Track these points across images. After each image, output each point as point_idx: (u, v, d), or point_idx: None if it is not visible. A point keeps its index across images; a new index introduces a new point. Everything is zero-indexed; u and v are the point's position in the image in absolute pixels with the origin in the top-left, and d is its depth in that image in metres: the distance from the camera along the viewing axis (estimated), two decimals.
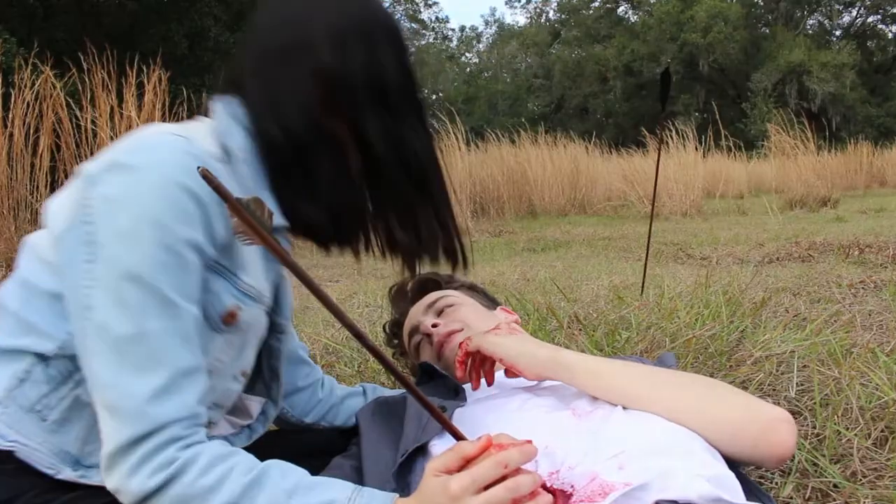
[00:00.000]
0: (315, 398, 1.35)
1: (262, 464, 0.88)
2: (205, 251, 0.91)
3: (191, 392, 0.88)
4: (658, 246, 5.25)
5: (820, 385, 1.51)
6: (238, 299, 0.98)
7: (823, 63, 26.82)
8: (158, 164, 0.88)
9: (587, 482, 0.90)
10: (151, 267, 0.86)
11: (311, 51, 0.97)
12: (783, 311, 2.38)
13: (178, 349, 0.88)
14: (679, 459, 0.92)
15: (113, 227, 0.87)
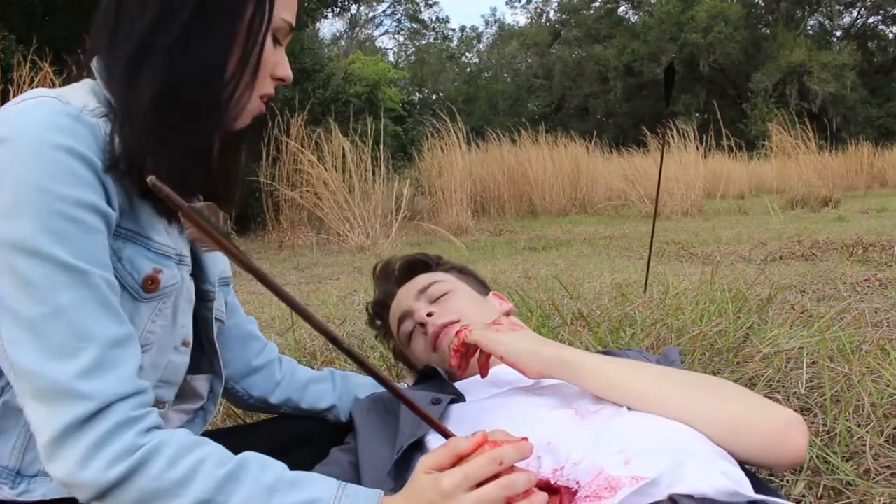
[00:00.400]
0: (273, 378, 1.27)
1: (236, 456, 0.81)
2: (105, 212, 0.84)
3: (125, 364, 0.80)
4: (660, 245, 5.23)
5: (830, 382, 1.49)
6: (155, 262, 0.92)
7: (824, 63, 26.81)
8: (30, 128, 0.81)
9: (593, 477, 0.87)
10: (46, 237, 0.78)
11: None
12: (789, 307, 2.35)
13: (100, 319, 0.80)
14: (688, 455, 0.89)
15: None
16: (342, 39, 37.82)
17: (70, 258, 0.79)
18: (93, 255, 0.82)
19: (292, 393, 1.29)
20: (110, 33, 0.91)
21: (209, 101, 0.90)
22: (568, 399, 1.06)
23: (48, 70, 5.12)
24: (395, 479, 0.97)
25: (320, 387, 1.32)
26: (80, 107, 0.85)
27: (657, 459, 0.85)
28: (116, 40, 0.90)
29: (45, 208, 0.79)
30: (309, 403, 1.30)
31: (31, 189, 0.79)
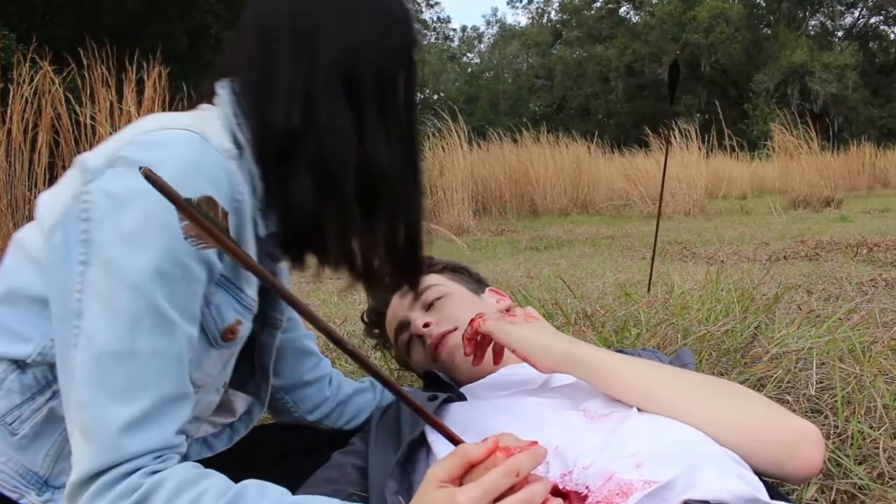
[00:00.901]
0: (322, 394, 1.27)
1: (236, 486, 0.78)
2: (212, 264, 0.83)
3: (171, 422, 0.79)
4: (662, 244, 5.19)
5: (841, 383, 1.45)
6: (239, 313, 0.91)
7: (826, 64, 26.76)
8: (175, 164, 0.79)
9: (603, 482, 0.84)
10: (152, 277, 0.77)
11: (318, 36, 0.89)
12: (796, 307, 2.32)
13: (166, 374, 0.79)
14: (703, 458, 0.86)
15: (115, 228, 0.78)
16: None
17: (165, 305, 0.78)
18: (187, 307, 0.81)
19: (336, 408, 1.29)
20: (258, 70, 0.90)
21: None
22: (576, 401, 1.03)
23: (48, 69, 5.09)
24: (399, 481, 0.94)
25: (363, 398, 1.32)
26: (219, 148, 0.83)
27: (670, 464, 0.82)
28: (262, 80, 0.89)
29: (163, 248, 0.78)
30: (347, 419, 1.30)
31: (157, 224, 0.77)
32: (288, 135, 0.88)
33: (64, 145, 5.11)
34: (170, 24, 8.99)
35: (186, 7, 9.22)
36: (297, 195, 0.88)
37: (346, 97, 0.89)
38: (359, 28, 0.90)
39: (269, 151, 0.89)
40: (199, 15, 9.30)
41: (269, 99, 0.89)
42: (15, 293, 0.87)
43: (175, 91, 5.44)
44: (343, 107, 0.89)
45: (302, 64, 0.89)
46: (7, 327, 0.86)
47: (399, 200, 0.94)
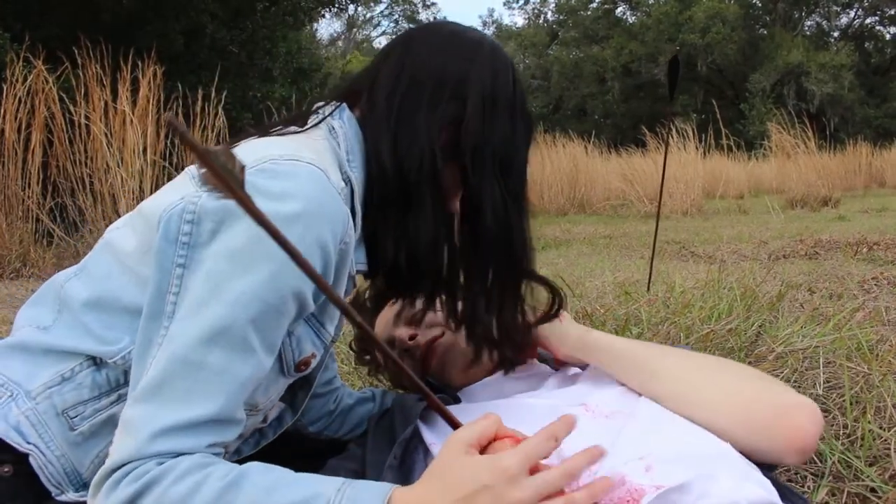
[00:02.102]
0: (326, 407, 1.26)
1: (240, 466, 0.77)
2: (307, 306, 0.83)
3: (209, 438, 0.77)
4: (660, 244, 5.16)
5: (849, 382, 1.42)
6: (316, 347, 0.91)
7: (822, 64, 26.78)
8: (300, 199, 0.78)
9: (613, 487, 0.80)
10: (250, 301, 0.76)
11: (459, 101, 0.92)
12: (798, 306, 2.29)
13: (226, 395, 0.77)
14: (715, 462, 0.82)
15: (224, 242, 0.77)
16: (340, 40, 37.80)
17: (251, 331, 0.77)
18: (269, 337, 0.80)
19: (335, 419, 1.28)
20: (384, 100, 0.93)
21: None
22: (578, 400, 1.00)
23: (41, 68, 5.05)
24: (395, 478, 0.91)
25: (364, 408, 1.31)
26: (337, 187, 0.84)
27: (681, 466, 0.79)
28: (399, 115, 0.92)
29: (267, 276, 0.77)
30: (347, 430, 1.29)
31: (265, 250, 0.76)
32: (420, 180, 0.91)
33: (58, 145, 5.07)
34: (165, 24, 8.93)
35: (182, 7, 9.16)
36: (417, 240, 0.92)
37: (496, 172, 0.95)
38: (497, 110, 0.96)
39: (391, 192, 0.91)
40: (195, 15, 9.24)
41: (402, 141, 0.91)
42: (107, 300, 0.87)
43: (170, 90, 5.40)
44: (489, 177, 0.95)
45: (439, 121, 0.92)
46: (93, 332, 0.86)
47: (521, 277, 1.01)
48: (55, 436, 0.85)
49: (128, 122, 5.14)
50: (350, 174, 0.89)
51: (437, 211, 0.92)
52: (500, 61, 0.97)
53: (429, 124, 0.91)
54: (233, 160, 0.59)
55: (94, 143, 5.07)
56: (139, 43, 5.88)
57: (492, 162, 0.94)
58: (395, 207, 0.91)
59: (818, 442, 1.24)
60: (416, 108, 0.92)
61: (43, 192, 5.05)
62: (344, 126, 0.92)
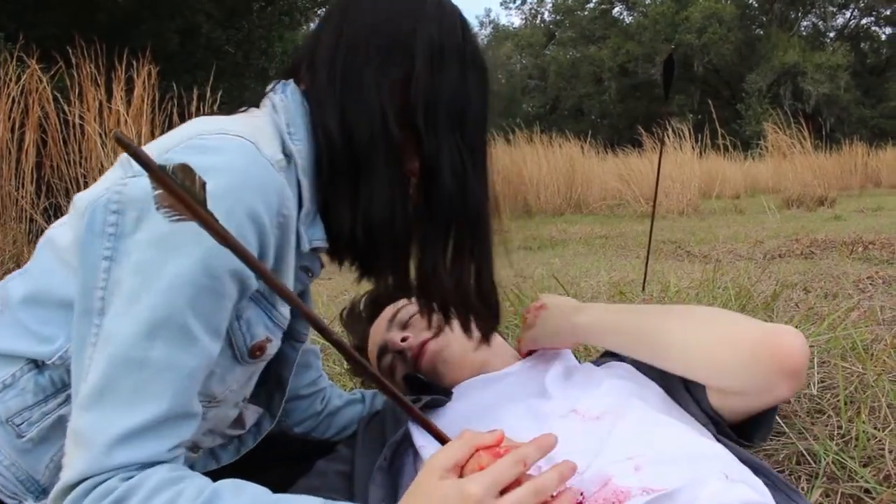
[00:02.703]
0: (313, 408, 1.24)
1: (213, 484, 0.74)
2: (249, 285, 0.79)
3: (169, 439, 0.74)
4: (656, 243, 5.16)
5: (843, 382, 1.41)
6: (270, 331, 0.88)
7: (818, 64, 26.80)
8: (227, 174, 0.75)
9: (599, 488, 0.79)
10: (183, 286, 0.73)
11: (407, 57, 0.88)
12: (794, 305, 2.28)
13: (176, 389, 0.74)
14: (705, 463, 0.81)
15: (149, 229, 0.74)
16: None
17: (190, 318, 0.74)
18: (212, 322, 0.76)
19: (323, 421, 1.26)
20: (327, 68, 0.89)
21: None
22: (568, 403, 0.99)
23: (35, 68, 5.03)
24: (383, 486, 0.90)
25: (353, 409, 1.29)
26: (272, 159, 0.80)
27: (672, 469, 0.78)
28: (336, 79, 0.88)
29: (197, 258, 0.73)
30: (334, 432, 1.26)
31: (193, 232, 0.71)
32: (371, 147, 0.87)
33: (52, 145, 5.05)
34: (160, 23, 8.91)
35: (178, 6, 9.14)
36: (374, 211, 0.87)
37: (451, 127, 0.90)
38: (445, 62, 0.91)
39: (342, 162, 0.87)
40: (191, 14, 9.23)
41: (348, 108, 0.87)
42: (41, 294, 0.84)
43: (165, 90, 5.38)
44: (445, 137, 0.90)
45: (386, 82, 0.88)
46: (29, 329, 0.83)
47: (483, 238, 0.95)
48: (2, 445, 0.82)
49: (122, 122, 5.12)
50: (292, 147, 0.86)
51: (391, 176, 0.88)
52: (447, 12, 0.93)
53: (377, 86, 0.87)
54: (192, 177, 0.57)
55: (89, 143, 5.05)
56: (134, 42, 5.86)
57: (445, 116, 0.89)
58: (346, 177, 0.87)
59: (813, 442, 1.23)
60: (361, 71, 0.88)
61: (37, 192, 5.03)
62: (285, 100, 0.89)
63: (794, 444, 1.27)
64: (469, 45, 0.93)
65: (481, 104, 0.94)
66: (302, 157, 0.86)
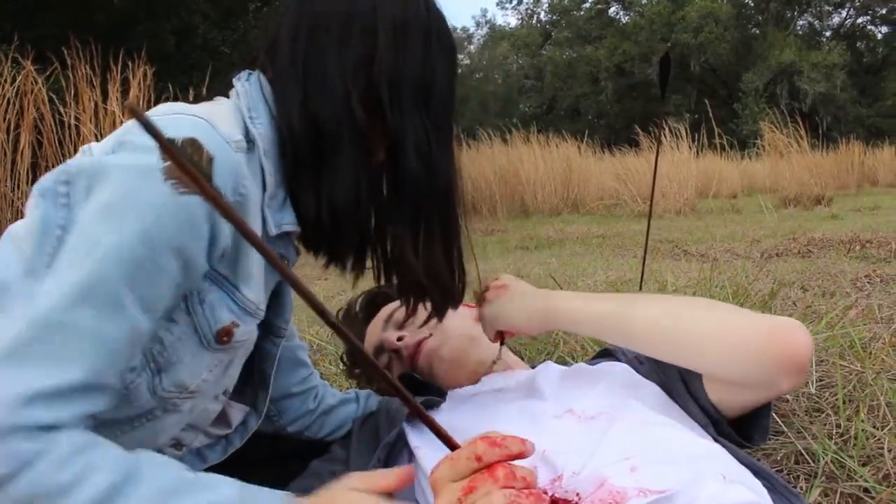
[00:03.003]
0: (305, 407, 1.22)
1: (131, 457, 0.72)
2: (195, 265, 0.77)
3: (78, 407, 0.71)
4: (653, 243, 5.15)
5: (842, 380, 1.40)
6: (236, 315, 0.85)
7: (814, 63, 26.84)
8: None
9: (595, 489, 0.78)
10: (120, 256, 0.71)
11: (370, 36, 0.87)
12: (791, 304, 2.28)
13: (96, 359, 0.71)
14: (702, 463, 0.80)
15: (95, 198, 0.73)
16: None
17: (123, 288, 0.72)
18: (146, 297, 0.74)
19: (316, 420, 1.23)
20: (287, 53, 0.88)
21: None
22: (563, 403, 0.98)
23: (30, 69, 5.02)
24: None
25: (346, 409, 1.27)
26: (227, 138, 0.78)
27: (669, 470, 0.77)
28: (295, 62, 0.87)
29: (138, 231, 0.72)
30: (328, 431, 1.24)
31: (139, 204, 0.72)
32: (336, 130, 0.86)
33: (47, 146, 5.04)
34: (156, 24, 8.90)
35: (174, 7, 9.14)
36: (339, 195, 0.86)
37: (416, 105, 0.89)
38: (409, 39, 0.90)
39: (305, 146, 0.86)
40: (187, 15, 9.22)
41: (310, 90, 0.86)
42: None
43: (161, 91, 5.37)
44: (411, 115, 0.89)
45: (348, 62, 0.87)
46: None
47: (451, 217, 0.95)
48: None
49: (118, 123, 5.10)
50: (254, 130, 0.85)
51: (356, 159, 0.87)
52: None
53: (340, 67, 0.86)
54: (199, 152, 0.57)
55: (84, 144, 5.02)
56: (130, 43, 5.85)
57: (410, 94, 0.88)
58: (311, 160, 0.86)
59: (812, 441, 1.23)
60: (323, 54, 0.87)
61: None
62: (247, 86, 0.88)
63: (793, 444, 1.26)
64: (434, 21, 0.92)
65: (447, 81, 0.92)
66: (264, 140, 0.85)
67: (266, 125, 0.86)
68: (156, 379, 0.82)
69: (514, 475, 0.65)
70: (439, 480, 0.68)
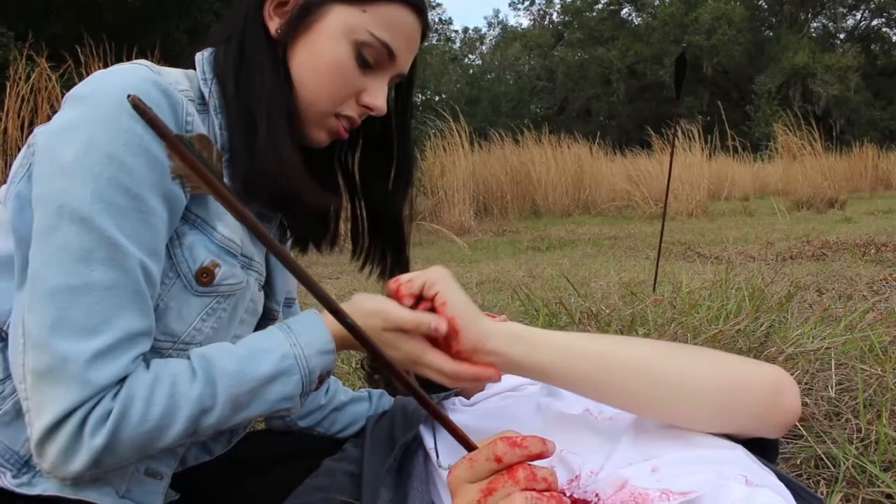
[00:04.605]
0: (316, 401, 1.21)
1: (191, 362, 0.78)
2: (172, 197, 0.78)
3: (132, 351, 0.75)
4: (665, 245, 5.13)
5: (862, 384, 1.38)
6: (215, 254, 0.85)
7: (828, 66, 26.68)
8: (113, 90, 0.75)
9: (615, 490, 0.76)
10: (100, 206, 0.73)
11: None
12: (807, 307, 2.25)
13: (126, 308, 0.74)
14: (723, 465, 0.78)
15: (54, 161, 0.74)
16: None
17: (118, 235, 0.73)
18: (142, 239, 0.76)
19: (328, 416, 1.23)
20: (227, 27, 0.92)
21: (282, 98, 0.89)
22: (582, 402, 0.96)
23: (45, 66, 5.05)
24: (392, 489, 0.87)
25: (358, 407, 1.26)
26: (170, 81, 0.80)
27: (689, 471, 0.75)
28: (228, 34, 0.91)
29: (109, 178, 0.73)
30: (339, 427, 1.24)
31: (99, 154, 0.73)
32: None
33: None
34: (168, 23, 8.93)
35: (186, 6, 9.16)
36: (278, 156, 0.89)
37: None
38: None
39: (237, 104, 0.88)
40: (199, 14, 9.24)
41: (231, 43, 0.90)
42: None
43: None
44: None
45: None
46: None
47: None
48: None
49: None
50: (205, 89, 0.87)
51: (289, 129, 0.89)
52: None
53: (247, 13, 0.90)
54: (209, 148, 0.55)
55: None
56: (142, 41, 5.87)
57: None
58: (244, 120, 0.88)
59: (832, 446, 1.20)
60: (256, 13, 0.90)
61: None
62: (202, 57, 0.90)
63: (812, 448, 1.24)
64: None
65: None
66: (216, 98, 0.87)
67: (217, 89, 0.88)
68: None
69: (535, 476, 0.64)
70: (457, 481, 0.67)
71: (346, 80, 0.89)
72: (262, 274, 0.95)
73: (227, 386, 0.76)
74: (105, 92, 0.75)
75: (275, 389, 0.79)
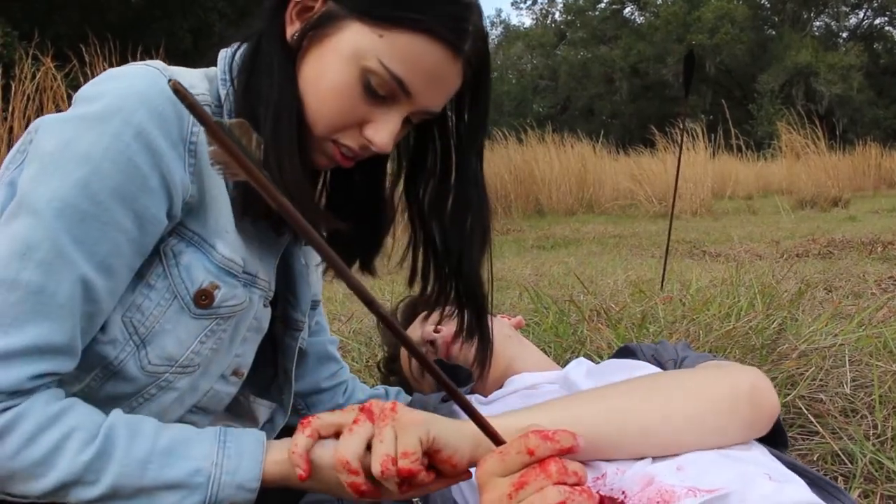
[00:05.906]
0: (334, 401, 1.20)
1: (104, 424, 0.71)
2: (147, 217, 0.74)
3: (32, 367, 0.70)
4: (671, 243, 5.11)
5: (877, 381, 1.38)
6: (214, 276, 0.81)
7: (831, 65, 26.62)
8: (117, 94, 0.73)
9: (642, 487, 0.76)
10: (59, 209, 0.69)
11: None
12: (818, 304, 2.25)
13: (45, 318, 0.69)
14: (745, 463, 0.78)
15: (36, 149, 0.73)
16: None
17: (65, 240, 0.70)
18: (95, 250, 0.71)
19: None
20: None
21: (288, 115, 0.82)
22: None
23: (50, 65, 5.05)
24: None
25: None
26: (185, 85, 0.77)
27: (714, 469, 0.75)
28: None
29: (78, 178, 0.70)
30: None
31: (76, 152, 0.71)
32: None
33: None
34: (172, 22, 8.94)
35: (190, 5, 9.17)
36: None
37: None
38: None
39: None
40: (203, 13, 9.26)
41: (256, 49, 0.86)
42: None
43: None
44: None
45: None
46: None
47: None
48: None
49: None
50: (223, 91, 0.84)
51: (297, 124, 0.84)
52: None
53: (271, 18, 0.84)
54: (248, 134, 0.54)
55: None
56: (147, 40, 5.88)
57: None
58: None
59: (849, 442, 1.20)
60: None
61: None
62: (224, 57, 0.87)
63: (829, 444, 1.24)
64: None
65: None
66: (233, 100, 0.84)
67: (231, 88, 0.85)
68: (142, 352, 0.79)
69: (567, 470, 0.64)
70: (486, 475, 0.66)
71: (347, 107, 0.81)
72: (268, 290, 0.90)
73: (118, 472, 0.70)
74: (110, 94, 0.73)
75: (169, 499, 0.72)
